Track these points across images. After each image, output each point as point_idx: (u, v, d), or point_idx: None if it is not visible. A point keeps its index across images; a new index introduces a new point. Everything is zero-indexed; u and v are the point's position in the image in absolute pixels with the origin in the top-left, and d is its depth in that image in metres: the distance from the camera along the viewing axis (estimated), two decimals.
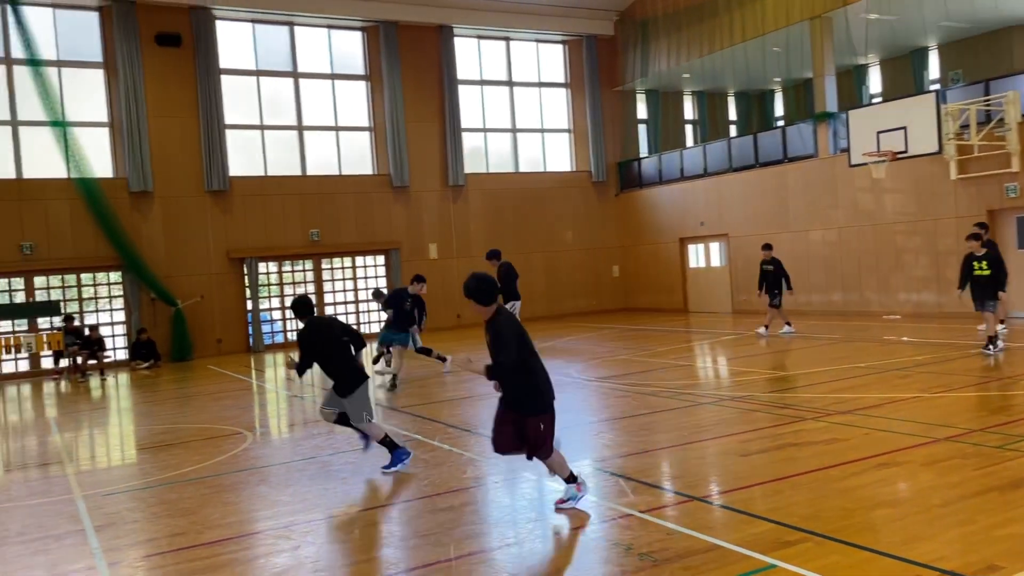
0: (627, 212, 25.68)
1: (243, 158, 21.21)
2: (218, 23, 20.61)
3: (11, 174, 18.70)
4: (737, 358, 14.06)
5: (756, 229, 20.73)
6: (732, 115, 28.40)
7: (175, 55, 20.01)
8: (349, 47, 22.77)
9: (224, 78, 20.65)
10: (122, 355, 19.52)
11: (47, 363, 18.41)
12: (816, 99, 19.93)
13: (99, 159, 19.27)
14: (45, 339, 17.22)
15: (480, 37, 24.38)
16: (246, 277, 20.82)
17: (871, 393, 9.47)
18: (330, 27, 22.33)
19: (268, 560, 5.41)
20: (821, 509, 5.54)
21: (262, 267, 21.35)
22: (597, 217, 25.62)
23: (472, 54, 24.36)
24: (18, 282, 18.79)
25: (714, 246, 23.15)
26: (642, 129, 26.67)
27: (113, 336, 19.54)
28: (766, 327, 15.81)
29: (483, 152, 24.67)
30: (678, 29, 23.18)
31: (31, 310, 18.34)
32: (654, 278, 24.67)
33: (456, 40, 23.53)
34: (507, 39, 24.80)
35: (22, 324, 18.64)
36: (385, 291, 17.47)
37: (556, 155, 25.75)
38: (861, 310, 18.51)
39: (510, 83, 24.96)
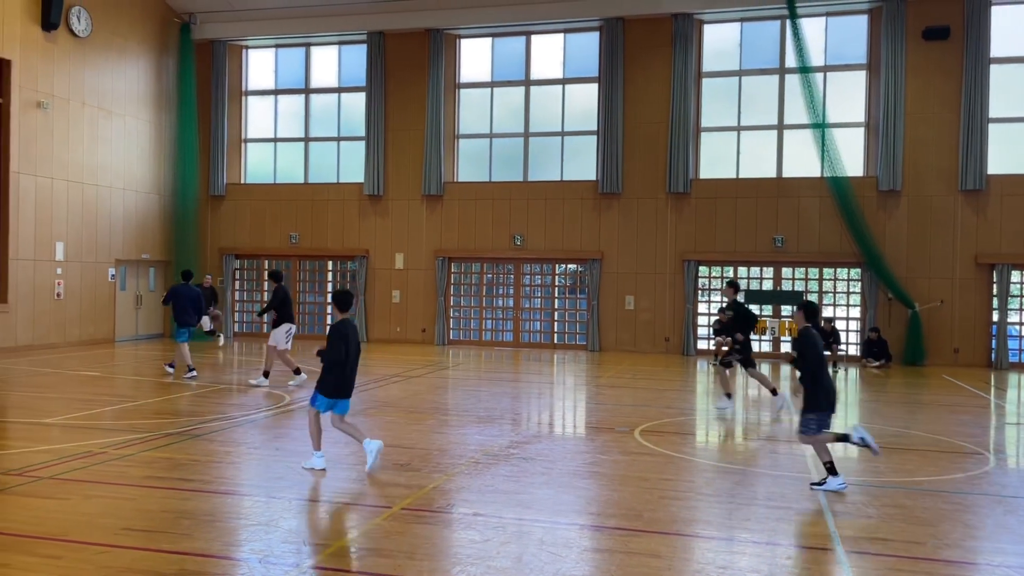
0: None
1: (1005, 154, 19.24)
2: (994, 8, 19.01)
3: (772, 173, 20.66)
4: None
5: None
6: None
7: (940, 49, 19.22)
8: None
9: (994, 67, 19.01)
10: (853, 351, 19.90)
11: (786, 347, 19.95)
12: None
13: (851, 158, 19.82)
14: (787, 326, 18.69)
15: None
16: (995, 285, 18.96)
17: None
18: None
19: None
20: None
21: (1015, 276, 19.13)
22: None
23: None
24: (768, 271, 20.76)
25: None
26: None
27: (847, 331, 20.05)
28: None
29: None
30: None
31: (777, 297, 20.09)
32: None
33: None
34: None
35: (768, 309, 20.62)
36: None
37: None
38: None
39: None
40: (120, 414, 10.61)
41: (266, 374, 13.14)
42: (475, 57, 22.63)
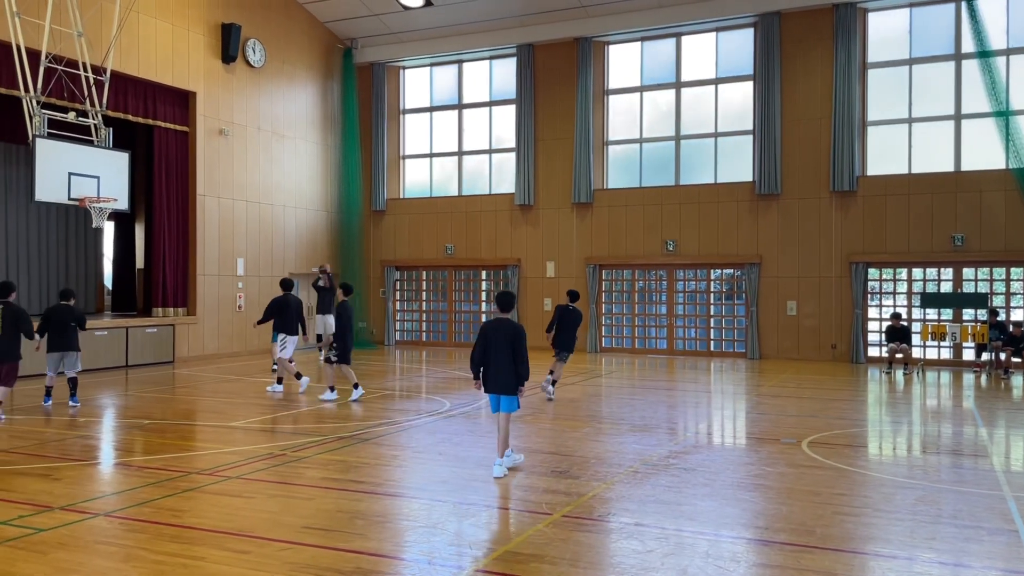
0: None
1: None
2: None
3: (949, 167, 19.22)
4: None
5: None
6: None
7: None
8: None
9: None
10: None
11: (968, 355, 18.48)
12: None
13: None
14: (969, 331, 17.31)
15: None
16: None
17: None
18: None
19: None
20: None
21: None
22: None
23: None
24: (947, 272, 19.30)
25: None
26: None
27: None
28: None
29: None
30: None
31: (958, 300, 18.63)
32: None
33: None
34: None
35: (947, 313, 19.17)
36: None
37: None
38: None
39: None
40: (296, 418, 11.30)
41: (298, 375, 13.75)
42: (623, 62, 22.49)
